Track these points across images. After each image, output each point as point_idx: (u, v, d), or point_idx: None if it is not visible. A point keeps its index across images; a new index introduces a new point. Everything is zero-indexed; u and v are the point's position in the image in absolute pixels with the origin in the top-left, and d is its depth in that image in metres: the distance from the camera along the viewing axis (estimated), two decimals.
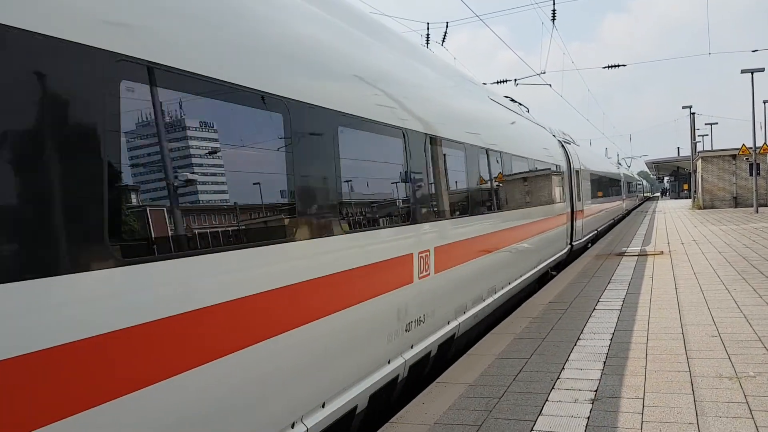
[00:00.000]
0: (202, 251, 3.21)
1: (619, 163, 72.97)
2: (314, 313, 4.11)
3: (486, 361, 6.68)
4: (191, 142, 3.27)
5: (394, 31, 7.04)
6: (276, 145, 3.87)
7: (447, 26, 19.04)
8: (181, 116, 3.21)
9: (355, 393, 4.74)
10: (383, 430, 4.93)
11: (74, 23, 2.53)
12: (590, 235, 20.45)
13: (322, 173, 4.32)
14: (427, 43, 19.37)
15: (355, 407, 4.79)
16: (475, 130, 8.39)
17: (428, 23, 20.69)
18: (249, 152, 3.72)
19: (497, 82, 24.06)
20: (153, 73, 2.92)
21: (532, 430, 4.71)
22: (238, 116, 3.58)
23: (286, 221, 3.92)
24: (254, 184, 3.72)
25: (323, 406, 4.31)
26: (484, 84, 15.12)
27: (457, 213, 7.24)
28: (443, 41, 19.87)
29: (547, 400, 5.35)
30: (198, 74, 3.20)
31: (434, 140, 6.57)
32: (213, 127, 3.41)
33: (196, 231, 3.25)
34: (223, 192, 3.49)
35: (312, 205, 4.22)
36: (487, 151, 8.65)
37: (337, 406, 4.44)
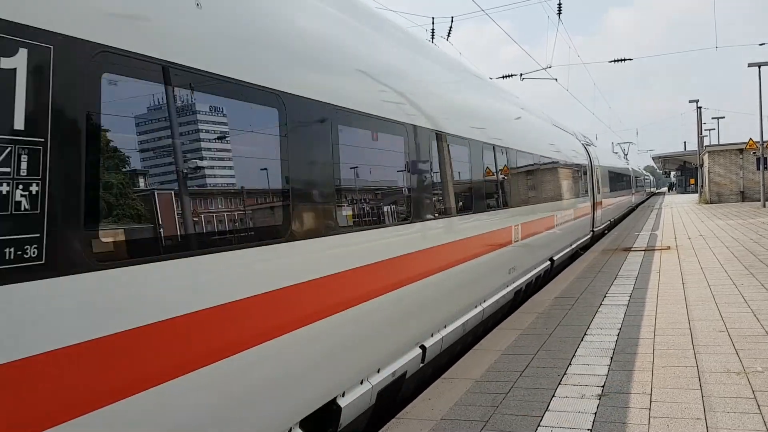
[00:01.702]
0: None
1: (625, 157, 62.52)
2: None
3: (492, 357, 6.67)
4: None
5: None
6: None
7: (452, 21, 18.99)
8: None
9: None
10: (390, 425, 4.94)
11: None
12: None
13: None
14: (432, 39, 19.31)
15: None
16: None
17: (433, 18, 20.61)
18: None
19: (503, 77, 23.99)
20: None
21: (539, 425, 4.71)
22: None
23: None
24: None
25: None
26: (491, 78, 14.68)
27: None
28: (448, 36, 19.81)
29: (553, 395, 5.34)
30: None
31: None
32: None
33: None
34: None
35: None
36: None
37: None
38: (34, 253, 2.34)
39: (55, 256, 2.42)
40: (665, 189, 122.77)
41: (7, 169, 2.29)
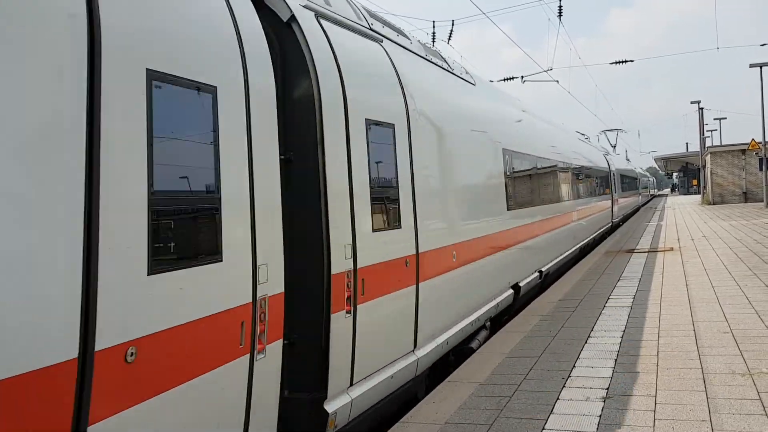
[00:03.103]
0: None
1: (613, 148, 44.11)
2: None
3: (496, 360, 6.66)
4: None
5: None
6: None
7: (453, 24, 19.03)
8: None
9: None
10: (394, 429, 4.93)
11: None
12: None
13: None
14: (433, 42, 19.35)
15: None
16: None
17: (434, 21, 20.66)
18: None
19: (504, 80, 24.03)
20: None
21: (543, 428, 4.70)
22: None
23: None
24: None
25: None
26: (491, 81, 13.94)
27: None
28: (449, 39, 19.86)
29: (558, 398, 5.34)
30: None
31: None
32: None
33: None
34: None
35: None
36: None
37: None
38: None
39: None
40: (668, 191, 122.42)
41: None
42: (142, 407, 2.88)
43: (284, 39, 4.49)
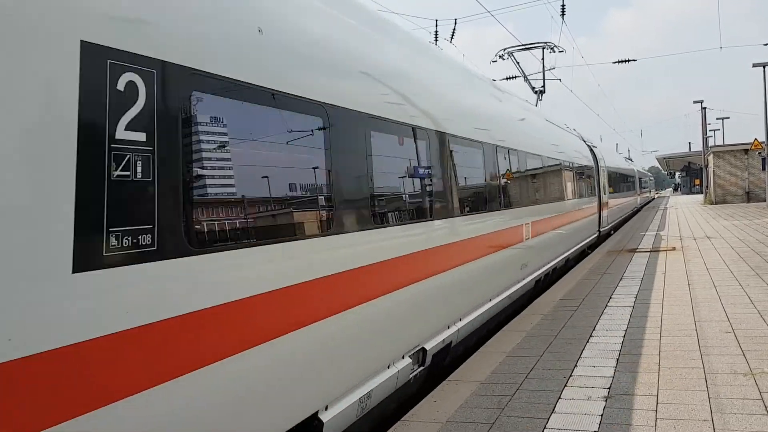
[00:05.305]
0: None
1: (537, 96, 21.59)
2: None
3: (497, 359, 6.65)
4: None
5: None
6: None
7: (455, 23, 19.01)
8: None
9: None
10: (395, 428, 4.93)
11: None
12: None
13: None
14: (436, 40, 19.33)
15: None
16: None
17: (437, 20, 20.65)
18: None
19: (507, 78, 23.99)
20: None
21: (545, 428, 4.69)
22: None
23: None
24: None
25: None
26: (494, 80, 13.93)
27: None
28: (452, 38, 19.83)
29: (560, 397, 5.33)
30: None
31: None
32: None
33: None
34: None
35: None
36: None
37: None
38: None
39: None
40: (669, 190, 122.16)
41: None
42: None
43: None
